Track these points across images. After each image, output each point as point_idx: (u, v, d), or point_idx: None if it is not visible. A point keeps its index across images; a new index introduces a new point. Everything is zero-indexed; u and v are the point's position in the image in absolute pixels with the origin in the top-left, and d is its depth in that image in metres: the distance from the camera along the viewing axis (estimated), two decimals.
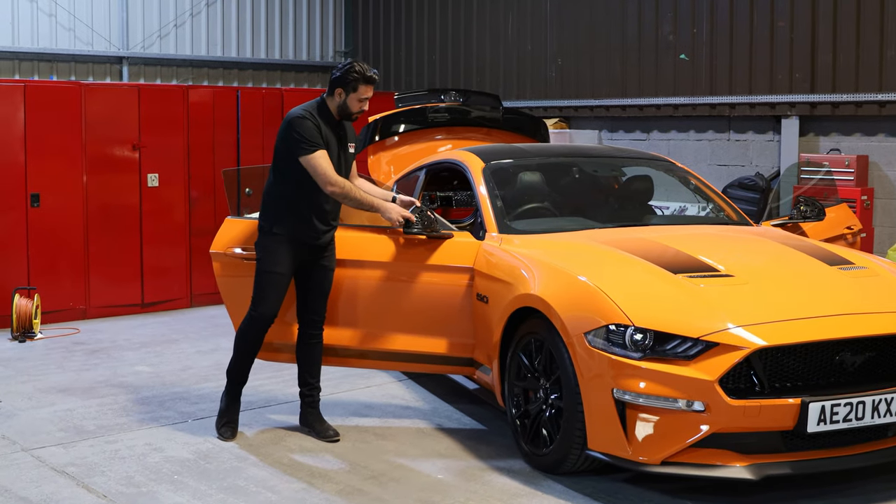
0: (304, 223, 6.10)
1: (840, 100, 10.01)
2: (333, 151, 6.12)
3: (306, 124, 6.01)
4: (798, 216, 7.20)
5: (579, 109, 12.26)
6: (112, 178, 10.04)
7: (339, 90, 6.11)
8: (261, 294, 6.14)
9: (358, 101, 6.12)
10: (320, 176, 5.97)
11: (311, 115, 6.07)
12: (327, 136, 6.09)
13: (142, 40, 13.51)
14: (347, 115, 6.15)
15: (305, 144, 5.98)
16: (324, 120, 6.11)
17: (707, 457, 5.06)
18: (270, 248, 6.12)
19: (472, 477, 5.61)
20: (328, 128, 6.11)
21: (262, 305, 6.14)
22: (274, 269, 6.11)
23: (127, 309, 10.16)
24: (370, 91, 6.16)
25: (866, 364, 5.21)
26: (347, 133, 6.29)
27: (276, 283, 6.12)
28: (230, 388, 6.35)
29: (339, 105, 6.12)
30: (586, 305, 5.34)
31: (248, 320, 6.20)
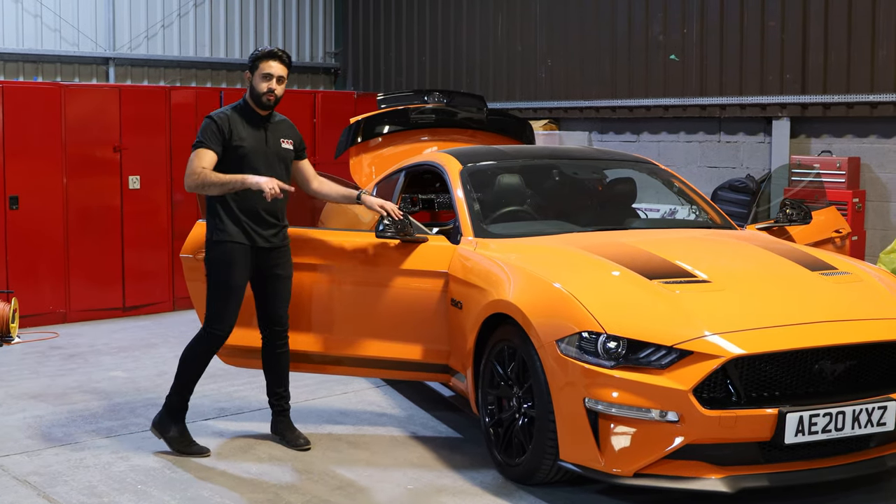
0: (243, 226, 5.88)
1: (831, 101, 9.87)
2: (257, 149, 5.91)
3: (209, 124, 5.85)
4: (784, 219, 7.06)
5: (569, 111, 12.12)
6: (93, 181, 9.90)
7: (247, 74, 5.97)
8: (215, 310, 5.93)
9: (262, 79, 5.88)
10: (187, 170, 5.82)
11: (222, 114, 5.89)
12: (242, 132, 5.88)
13: (128, 41, 13.38)
14: (257, 97, 5.90)
15: (196, 141, 5.85)
16: (242, 117, 5.92)
17: (682, 468, 4.91)
18: (218, 260, 5.93)
19: (443, 488, 5.47)
20: (247, 124, 5.91)
21: (217, 322, 5.93)
22: (225, 280, 5.91)
23: (108, 313, 10.02)
24: (276, 67, 5.91)
25: (847, 373, 5.06)
26: (279, 129, 6.06)
27: (231, 296, 5.92)
28: (176, 411, 6.05)
29: (250, 92, 5.94)
30: (558, 312, 5.19)
31: (202, 338, 5.98)
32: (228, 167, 5.87)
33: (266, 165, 5.94)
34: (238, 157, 5.88)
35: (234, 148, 5.87)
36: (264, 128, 5.99)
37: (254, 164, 5.90)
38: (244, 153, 5.88)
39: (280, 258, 6.06)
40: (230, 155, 5.88)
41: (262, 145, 5.96)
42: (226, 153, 5.87)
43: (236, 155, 5.88)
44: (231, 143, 5.86)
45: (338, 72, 15.27)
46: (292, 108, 11.19)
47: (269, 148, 5.99)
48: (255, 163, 5.90)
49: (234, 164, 5.88)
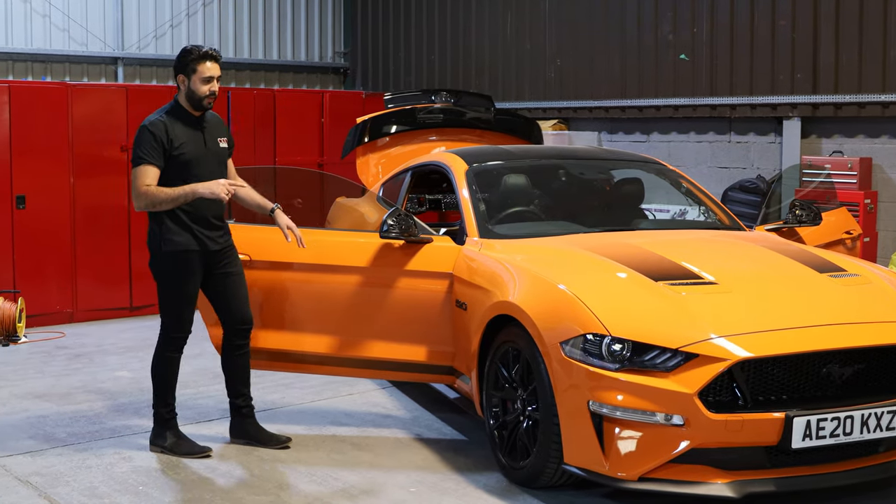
0: (193, 232, 5.78)
1: (843, 101, 9.78)
2: (198, 153, 5.80)
3: (143, 134, 5.71)
4: (793, 220, 6.98)
5: (578, 111, 12.05)
6: (100, 180, 9.88)
7: (181, 77, 5.80)
8: (172, 313, 5.91)
9: (202, 82, 5.76)
10: (133, 191, 5.72)
11: (158, 122, 5.74)
12: (181, 137, 5.76)
13: (137, 41, 13.35)
14: (197, 101, 5.79)
15: (135, 156, 5.71)
16: (178, 121, 5.79)
17: (687, 473, 4.85)
18: (166, 269, 5.86)
19: (446, 491, 5.42)
20: (185, 128, 5.79)
21: (178, 327, 5.93)
22: (176, 288, 5.87)
23: (115, 312, 10.01)
24: (214, 69, 5.79)
25: (855, 377, 4.99)
26: (213, 128, 5.96)
27: (184, 299, 5.89)
28: (164, 419, 6.03)
29: (187, 94, 5.80)
30: (563, 314, 5.13)
31: (165, 343, 5.98)
32: (171, 175, 5.73)
33: (207, 168, 5.84)
34: (180, 163, 5.75)
35: (174, 156, 5.73)
36: (201, 129, 5.87)
37: (196, 169, 5.78)
38: (186, 159, 5.76)
39: (226, 257, 5.99)
40: (171, 163, 5.74)
41: (202, 148, 5.85)
42: (167, 161, 5.73)
43: (178, 162, 5.75)
44: (171, 152, 5.73)
45: (347, 72, 15.23)
46: (300, 107, 11.20)
47: (209, 149, 5.88)
48: (197, 167, 5.79)
49: (176, 171, 5.75)
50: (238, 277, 6.04)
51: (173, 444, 5.99)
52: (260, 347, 6.36)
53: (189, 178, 5.75)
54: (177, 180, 5.73)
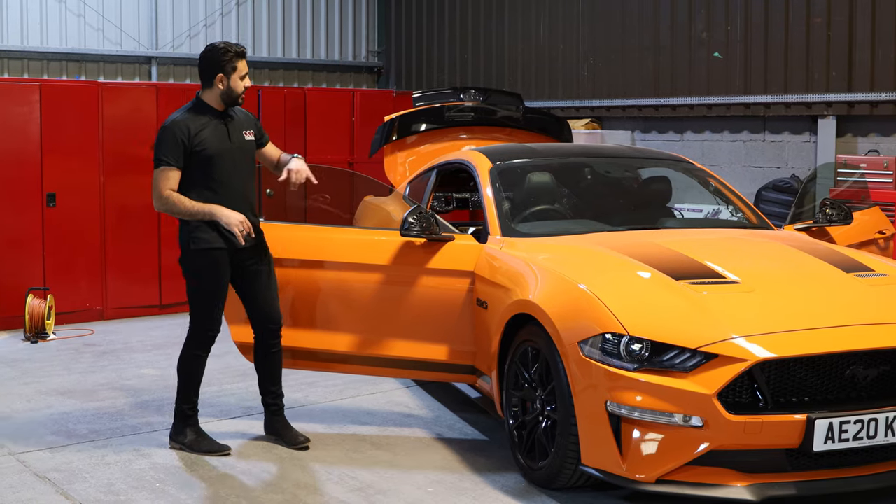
0: (214, 229, 5.76)
1: (879, 99, 9.61)
2: (222, 148, 5.78)
3: (166, 135, 5.72)
4: (823, 220, 6.86)
5: (611, 109, 11.95)
6: (130, 178, 9.91)
7: (220, 76, 5.78)
8: (201, 311, 5.90)
9: (240, 80, 5.81)
10: (154, 193, 5.75)
11: (179, 120, 5.76)
12: (203, 133, 5.74)
13: (171, 40, 13.41)
14: (234, 99, 5.82)
15: (157, 157, 5.73)
16: (201, 117, 5.79)
17: (705, 475, 4.77)
18: (194, 266, 5.86)
19: (463, 491, 5.36)
20: (208, 123, 5.78)
21: (206, 322, 5.90)
22: (204, 286, 5.86)
23: (144, 310, 10.03)
24: (246, 66, 5.86)
25: (880, 379, 4.88)
26: (239, 122, 5.94)
27: (213, 297, 5.87)
28: (186, 415, 6.02)
29: (223, 93, 5.80)
30: (582, 313, 5.06)
31: (194, 341, 5.97)
32: (193, 170, 5.74)
33: (232, 163, 5.83)
34: (202, 158, 5.74)
35: (196, 151, 5.73)
36: (225, 124, 5.86)
37: (218, 163, 5.78)
38: (208, 154, 5.75)
39: (258, 254, 5.97)
40: (194, 159, 5.74)
41: (226, 142, 5.83)
42: (190, 158, 5.73)
43: (200, 157, 5.74)
44: (193, 148, 5.72)
45: (381, 71, 15.21)
46: (330, 106, 11.19)
47: (234, 143, 5.86)
48: (219, 161, 5.78)
49: (198, 166, 5.75)
50: (268, 276, 6.02)
51: (192, 441, 5.98)
52: (284, 346, 6.34)
53: (211, 173, 5.76)
54: (199, 175, 5.75)
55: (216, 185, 5.78)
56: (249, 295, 6.02)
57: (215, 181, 5.78)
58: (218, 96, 5.83)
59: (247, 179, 5.94)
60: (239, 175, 5.87)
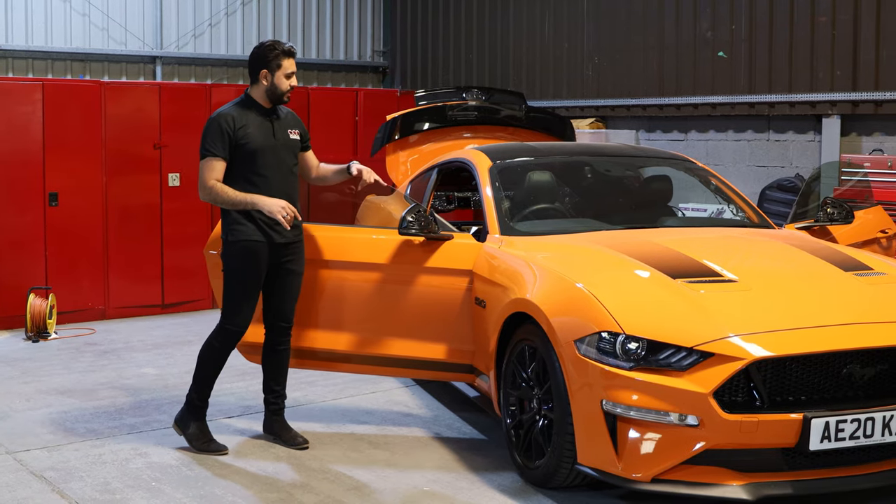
0: (258, 223, 5.79)
1: (883, 98, 9.56)
2: (266, 143, 5.82)
3: (213, 126, 5.78)
4: (824, 219, 6.83)
5: (616, 109, 11.91)
6: (132, 178, 9.91)
7: (264, 72, 5.84)
8: (231, 305, 5.88)
9: (286, 78, 5.85)
10: (199, 182, 5.79)
11: (226, 112, 5.81)
12: (249, 127, 5.79)
13: (176, 40, 13.41)
14: (279, 96, 5.86)
15: (203, 148, 5.79)
16: (248, 112, 5.84)
17: (701, 474, 4.74)
18: (235, 258, 5.86)
19: (460, 490, 5.34)
20: (254, 118, 5.83)
21: (233, 318, 5.88)
22: (237, 279, 5.85)
23: (147, 310, 10.03)
24: (293, 65, 5.90)
25: (877, 377, 4.85)
26: (285, 120, 5.99)
27: (245, 291, 5.86)
28: (196, 407, 6.02)
29: (267, 89, 5.85)
30: (578, 311, 5.04)
31: (218, 334, 5.94)
32: (238, 165, 5.80)
33: (275, 159, 5.86)
34: (246, 152, 5.79)
35: (241, 144, 5.78)
36: (270, 121, 5.90)
37: (262, 159, 5.82)
38: (251, 148, 5.79)
39: (294, 254, 5.97)
40: (239, 152, 5.79)
41: (271, 139, 5.87)
42: (234, 151, 5.78)
43: (244, 151, 5.79)
44: (238, 141, 5.77)
45: (386, 70, 15.20)
46: (334, 105, 11.18)
47: (278, 140, 5.90)
48: (263, 157, 5.82)
49: (243, 160, 5.80)
50: (297, 277, 6.03)
51: (193, 435, 5.98)
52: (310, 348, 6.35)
53: (255, 168, 5.81)
54: (242, 168, 5.80)
55: (259, 179, 5.81)
56: (273, 290, 6.01)
57: (258, 175, 5.81)
58: (263, 93, 5.88)
59: (290, 178, 5.96)
60: (282, 171, 5.90)
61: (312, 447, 6.02)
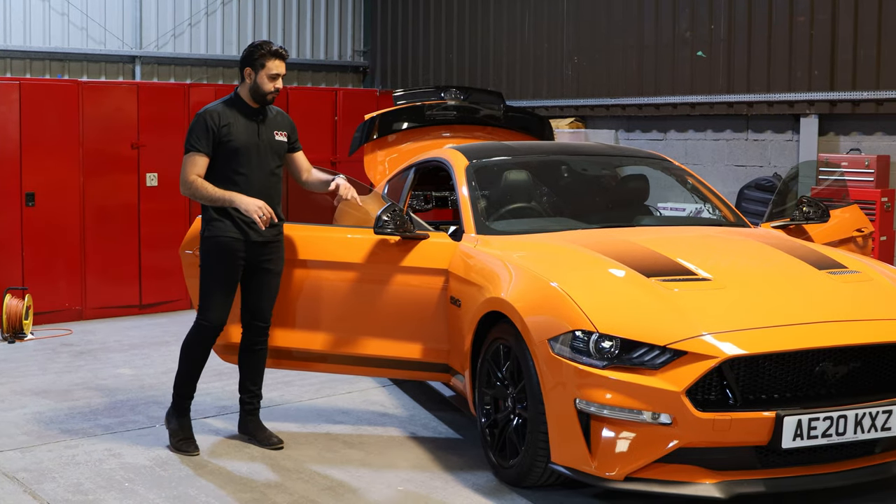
0: (235, 220, 5.78)
1: (861, 97, 9.60)
2: (250, 143, 5.82)
3: (198, 122, 5.78)
4: (800, 217, 6.84)
5: (595, 108, 11.92)
6: (110, 178, 9.86)
7: (248, 70, 5.84)
8: (207, 300, 5.87)
9: (269, 79, 5.82)
10: (181, 176, 5.79)
11: (213, 109, 5.82)
12: (234, 125, 5.79)
13: (155, 39, 13.36)
14: (261, 96, 5.84)
15: (187, 143, 5.79)
16: (234, 110, 5.84)
17: (675, 473, 4.74)
18: (210, 254, 5.85)
19: (434, 489, 5.33)
20: (240, 117, 5.83)
21: (209, 313, 5.86)
22: (213, 273, 5.84)
23: (124, 310, 9.98)
24: (281, 67, 5.87)
25: (849, 375, 4.86)
26: (273, 121, 5.98)
27: (221, 287, 5.84)
28: (178, 403, 6.02)
29: (251, 88, 5.84)
30: (552, 310, 5.03)
31: (195, 329, 5.93)
32: (221, 162, 5.80)
33: (258, 158, 5.85)
34: (229, 150, 5.79)
35: (225, 143, 5.78)
36: (257, 121, 5.89)
37: (244, 158, 5.81)
38: (235, 147, 5.78)
39: (272, 253, 5.95)
40: (222, 149, 5.79)
41: (255, 138, 5.86)
42: (218, 148, 5.79)
43: (227, 149, 5.79)
44: (222, 139, 5.77)
45: (366, 70, 15.18)
46: (314, 105, 11.15)
47: (262, 140, 5.89)
48: (246, 156, 5.81)
49: (226, 158, 5.80)
50: (274, 276, 6.02)
51: (172, 430, 6.00)
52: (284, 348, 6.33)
53: (237, 166, 5.80)
54: (225, 166, 5.80)
55: (240, 178, 5.80)
56: (251, 289, 6.00)
57: (240, 174, 5.80)
58: (248, 91, 5.87)
59: (272, 178, 5.94)
60: (263, 171, 5.88)
61: (287, 447, 6.00)
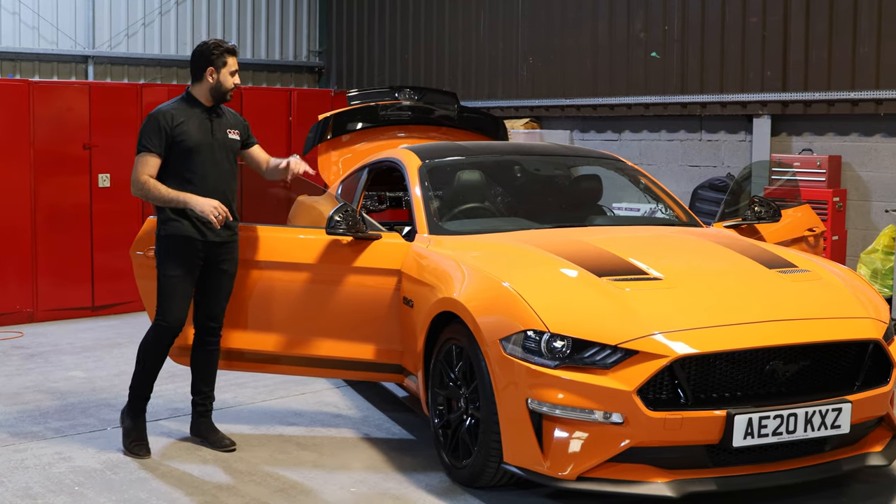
0: (191, 220, 5.75)
1: (812, 98, 9.71)
2: (203, 142, 5.78)
3: (150, 122, 5.76)
4: (752, 217, 6.89)
5: (550, 109, 11.96)
6: (62, 179, 9.76)
7: (210, 69, 5.81)
8: (162, 301, 5.83)
9: (230, 76, 5.84)
10: (132, 177, 5.75)
11: (165, 109, 5.79)
12: (186, 124, 5.75)
13: (108, 39, 13.24)
14: (223, 94, 5.83)
15: (139, 143, 5.76)
16: (187, 109, 5.81)
17: (627, 472, 4.75)
18: (165, 253, 5.81)
19: (387, 490, 5.31)
20: (193, 116, 5.80)
21: (166, 314, 5.81)
22: (170, 272, 5.79)
23: (77, 312, 9.88)
24: (236, 63, 5.91)
25: (799, 374, 4.89)
26: (226, 120, 5.95)
27: (176, 288, 5.80)
28: (134, 404, 5.97)
29: (212, 87, 5.82)
30: (504, 310, 5.03)
31: (153, 330, 5.88)
32: (174, 162, 5.76)
33: (212, 158, 5.81)
34: (182, 150, 5.75)
35: (178, 142, 5.74)
36: (210, 119, 5.86)
37: (198, 157, 5.77)
38: (187, 146, 5.74)
39: (228, 254, 5.91)
40: (175, 149, 5.75)
41: (209, 137, 5.82)
42: (171, 148, 5.75)
43: (181, 149, 5.75)
44: (175, 139, 5.73)
45: (322, 70, 15.13)
46: (268, 105, 11.10)
47: (216, 139, 5.85)
48: (198, 155, 5.77)
49: (179, 158, 5.76)
50: (228, 278, 5.98)
51: (125, 430, 5.95)
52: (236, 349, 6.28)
53: (191, 166, 5.76)
54: (179, 166, 5.76)
55: (195, 177, 5.76)
56: (204, 290, 5.95)
57: (194, 174, 5.76)
58: (207, 91, 5.84)
59: (227, 177, 5.90)
60: (218, 171, 5.85)
61: (240, 449, 5.96)
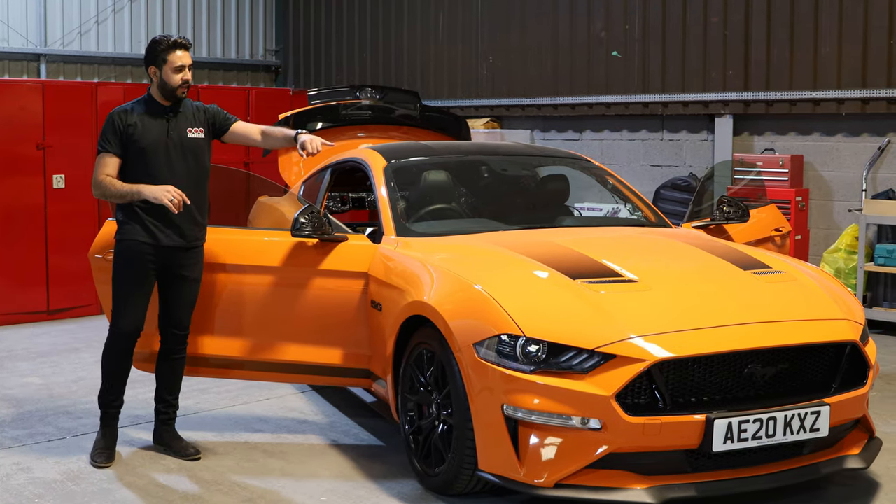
0: (146, 224, 5.61)
1: (774, 98, 9.70)
2: (158, 143, 5.63)
3: (107, 122, 5.65)
4: (721, 217, 6.85)
5: (511, 108, 11.88)
6: (14, 179, 9.53)
7: (153, 69, 5.67)
8: (117, 307, 5.70)
9: (174, 72, 5.62)
10: (92, 178, 5.64)
11: (122, 110, 5.67)
12: (142, 125, 5.62)
13: (61, 37, 12.99)
14: (170, 92, 5.65)
15: (98, 143, 5.66)
16: (144, 110, 5.68)
17: (605, 479, 4.66)
18: (118, 255, 5.69)
19: (358, 499, 5.19)
20: (149, 117, 5.65)
21: (119, 320, 5.68)
22: (126, 279, 5.66)
23: (31, 316, 9.66)
24: (186, 57, 5.68)
25: (778, 377, 4.84)
26: (187, 118, 5.77)
27: (132, 294, 5.66)
28: (102, 413, 5.84)
29: (159, 85, 5.66)
30: (477, 314, 4.92)
31: (109, 337, 5.75)
32: (131, 164, 5.63)
33: (167, 158, 5.65)
34: (137, 151, 5.61)
35: (132, 143, 5.60)
36: (167, 119, 5.69)
37: (152, 158, 5.62)
38: (141, 147, 5.60)
39: (188, 260, 5.76)
40: (130, 150, 5.62)
41: (164, 137, 5.66)
42: (127, 149, 5.61)
43: (135, 150, 5.61)
44: (129, 139, 5.60)
45: (279, 69, 14.96)
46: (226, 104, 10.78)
47: (172, 139, 5.69)
48: (153, 156, 5.63)
49: (134, 159, 5.63)
50: (191, 284, 5.83)
51: (96, 440, 5.83)
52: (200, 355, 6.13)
53: (145, 167, 5.61)
54: (135, 167, 5.62)
55: (151, 179, 5.60)
56: (167, 297, 5.82)
57: (149, 175, 5.61)
58: (157, 89, 5.68)
59: (186, 179, 5.70)
60: (177, 172, 5.68)
61: (205, 457, 5.81)
